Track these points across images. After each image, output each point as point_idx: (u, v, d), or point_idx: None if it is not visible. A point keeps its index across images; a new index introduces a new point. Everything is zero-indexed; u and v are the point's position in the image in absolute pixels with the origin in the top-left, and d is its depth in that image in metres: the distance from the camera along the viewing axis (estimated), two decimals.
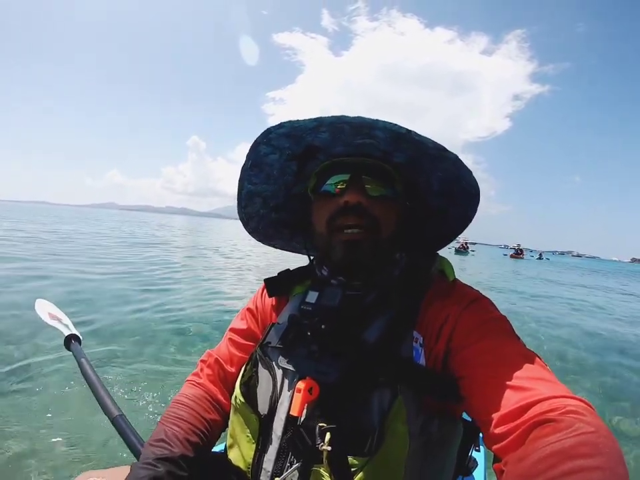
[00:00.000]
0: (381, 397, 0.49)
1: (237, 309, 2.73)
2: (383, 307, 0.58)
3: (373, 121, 0.52)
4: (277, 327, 0.63)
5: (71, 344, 0.97)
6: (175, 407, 0.64)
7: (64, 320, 1.09)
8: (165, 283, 6.00)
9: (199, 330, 3.70)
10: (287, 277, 0.71)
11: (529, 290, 10.26)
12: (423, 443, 0.49)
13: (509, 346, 0.49)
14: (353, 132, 0.56)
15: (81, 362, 0.88)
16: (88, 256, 7.96)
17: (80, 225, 22.05)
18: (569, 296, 9.79)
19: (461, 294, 0.58)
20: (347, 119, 0.53)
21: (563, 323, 5.82)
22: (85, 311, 3.83)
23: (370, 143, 0.57)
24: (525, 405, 0.39)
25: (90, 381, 0.82)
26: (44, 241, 10.31)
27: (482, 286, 8.63)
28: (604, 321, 6.56)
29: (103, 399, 0.77)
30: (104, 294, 4.63)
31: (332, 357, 0.53)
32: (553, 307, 7.50)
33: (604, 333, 5.41)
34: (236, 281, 7.10)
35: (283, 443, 0.53)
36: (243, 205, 0.72)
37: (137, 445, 0.68)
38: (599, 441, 0.33)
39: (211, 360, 0.71)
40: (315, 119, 0.54)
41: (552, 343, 4.52)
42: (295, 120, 0.55)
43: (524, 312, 6.42)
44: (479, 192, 0.62)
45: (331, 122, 0.54)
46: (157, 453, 0.55)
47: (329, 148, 0.61)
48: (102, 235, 15.46)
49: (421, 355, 0.54)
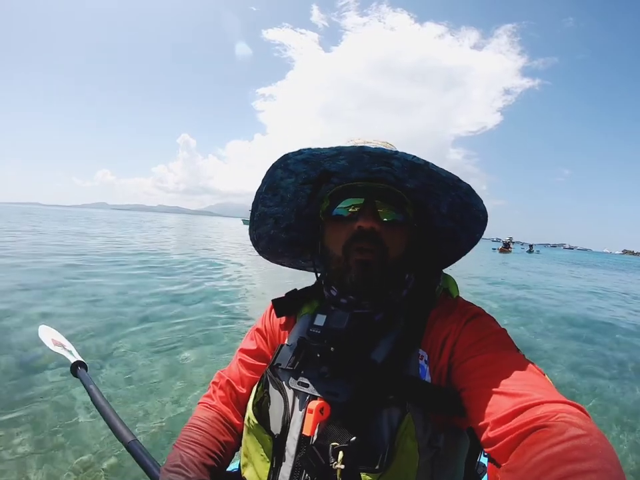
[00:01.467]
0: (390, 415, 0.51)
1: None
2: (390, 327, 0.59)
3: (392, 153, 0.53)
4: (287, 349, 0.64)
5: (78, 371, 0.97)
6: (189, 430, 0.65)
7: (67, 346, 1.09)
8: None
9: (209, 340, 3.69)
10: (294, 297, 0.72)
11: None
12: (431, 457, 0.50)
13: (507, 358, 0.50)
14: (372, 161, 0.57)
15: (90, 389, 0.88)
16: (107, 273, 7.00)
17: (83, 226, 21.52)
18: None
19: (462, 311, 0.60)
20: (367, 149, 0.53)
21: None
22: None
23: (386, 170, 0.59)
24: (518, 409, 0.41)
25: (100, 408, 0.82)
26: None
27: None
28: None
29: (116, 425, 0.77)
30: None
31: (342, 378, 0.55)
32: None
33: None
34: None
35: (296, 462, 0.54)
36: (255, 227, 0.73)
37: (153, 469, 0.68)
38: (591, 445, 0.33)
39: (223, 382, 0.72)
40: (335, 148, 0.54)
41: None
42: (315, 148, 0.55)
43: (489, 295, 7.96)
44: (487, 218, 0.62)
45: (351, 152, 0.55)
46: (174, 479, 0.56)
47: (344, 173, 0.62)
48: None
49: (426, 371, 0.55)
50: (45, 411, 2.18)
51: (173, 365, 3.05)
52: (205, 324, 4.22)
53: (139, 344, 3.38)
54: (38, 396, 2.35)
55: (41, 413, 2.14)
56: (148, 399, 2.43)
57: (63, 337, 1.14)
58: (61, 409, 2.21)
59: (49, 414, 2.16)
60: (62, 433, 1.97)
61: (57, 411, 2.19)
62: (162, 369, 2.96)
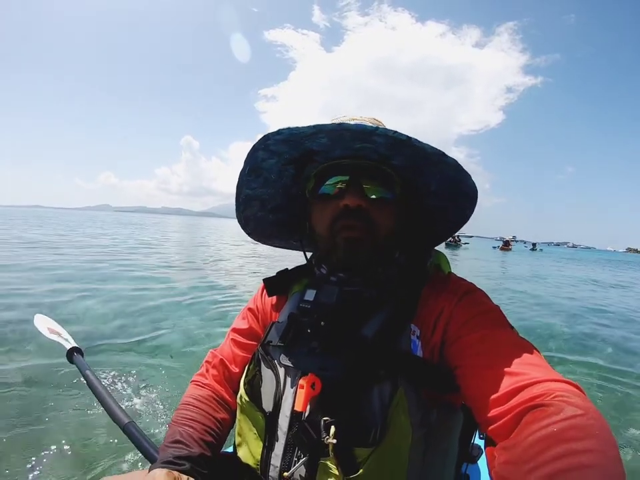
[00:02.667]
0: (382, 390, 0.50)
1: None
2: (381, 303, 0.59)
3: (373, 129, 0.52)
4: (278, 326, 0.64)
5: (74, 357, 0.97)
6: (184, 408, 0.65)
7: (63, 334, 1.09)
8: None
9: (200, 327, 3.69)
10: (285, 276, 0.72)
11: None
12: (424, 433, 0.50)
13: (501, 335, 0.50)
14: (353, 138, 0.56)
15: (86, 374, 0.88)
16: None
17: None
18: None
19: (455, 287, 0.60)
20: (347, 127, 0.52)
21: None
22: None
23: (369, 147, 0.58)
24: (515, 388, 0.41)
25: (97, 392, 0.82)
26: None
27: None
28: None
29: (112, 408, 0.77)
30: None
31: (332, 353, 0.55)
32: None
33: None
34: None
35: (289, 439, 0.54)
36: (242, 209, 0.73)
37: (150, 449, 0.68)
38: (588, 424, 0.33)
39: (216, 360, 0.73)
40: (314, 126, 0.53)
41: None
42: (293, 127, 0.54)
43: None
44: (477, 194, 0.63)
45: (331, 129, 0.54)
46: (176, 453, 0.56)
47: (328, 151, 0.61)
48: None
49: (418, 347, 0.55)
50: (41, 399, 2.18)
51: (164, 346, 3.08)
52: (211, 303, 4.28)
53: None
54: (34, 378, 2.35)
55: (37, 401, 2.14)
56: (143, 383, 2.43)
57: (58, 325, 1.14)
58: (58, 395, 2.21)
59: (45, 401, 2.15)
60: (58, 418, 1.97)
61: (54, 397, 2.19)
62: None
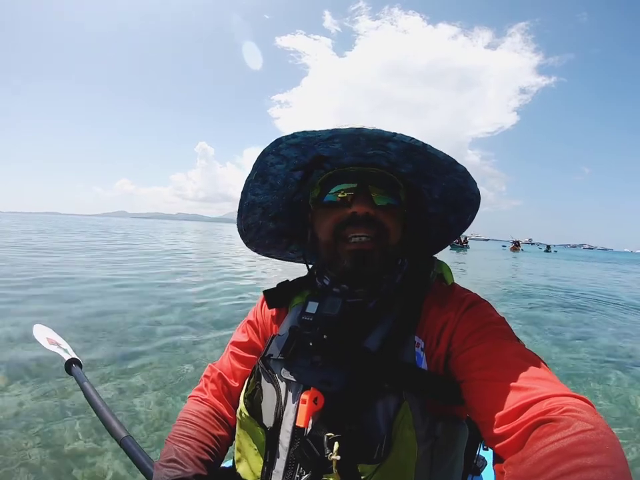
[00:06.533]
0: (386, 403, 0.49)
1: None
2: (384, 314, 0.58)
3: (391, 134, 0.51)
4: (278, 339, 0.62)
5: (72, 368, 0.96)
6: (181, 424, 0.64)
7: (62, 345, 1.08)
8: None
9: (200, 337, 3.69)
10: (285, 287, 0.70)
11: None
12: (430, 446, 0.49)
13: (507, 347, 0.49)
14: (367, 143, 0.55)
15: (84, 386, 0.87)
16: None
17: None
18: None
19: (459, 298, 0.58)
20: (365, 131, 0.51)
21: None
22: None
23: (380, 154, 0.57)
24: (523, 404, 0.39)
25: (94, 405, 0.81)
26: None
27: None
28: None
29: (109, 422, 0.76)
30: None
31: (335, 367, 0.53)
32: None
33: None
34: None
35: (290, 455, 0.52)
36: (244, 216, 0.71)
37: (147, 465, 0.66)
38: (598, 439, 0.33)
39: (214, 375, 0.71)
40: (332, 130, 0.52)
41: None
42: (309, 130, 0.53)
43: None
44: (480, 201, 0.63)
45: (348, 134, 0.53)
46: (170, 474, 0.54)
47: (337, 158, 0.60)
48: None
49: (422, 359, 0.54)
50: (38, 407, 2.20)
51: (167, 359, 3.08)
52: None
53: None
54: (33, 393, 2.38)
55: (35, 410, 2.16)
56: (141, 396, 2.43)
57: (57, 336, 1.14)
58: (54, 406, 2.23)
59: (42, 411, 2.17)
60: (55, 431, 1.99)
61: (50, 408, 2.20)
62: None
